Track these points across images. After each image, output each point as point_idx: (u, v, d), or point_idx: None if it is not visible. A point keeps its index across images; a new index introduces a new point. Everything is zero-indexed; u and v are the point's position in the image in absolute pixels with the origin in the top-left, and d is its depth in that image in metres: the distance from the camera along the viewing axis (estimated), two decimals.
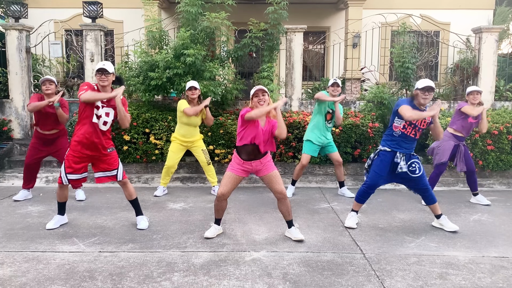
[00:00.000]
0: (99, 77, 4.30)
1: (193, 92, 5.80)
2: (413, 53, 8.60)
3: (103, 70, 4.28)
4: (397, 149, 4.52)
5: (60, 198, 4.62)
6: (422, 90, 4.31)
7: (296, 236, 4.29)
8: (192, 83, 5.85)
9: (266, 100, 4.06)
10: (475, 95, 5.52)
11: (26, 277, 3.43)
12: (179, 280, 3.41)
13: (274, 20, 7.69)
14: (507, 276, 3.56)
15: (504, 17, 11.87)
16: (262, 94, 4.06)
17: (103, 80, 4.30)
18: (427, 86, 4.28)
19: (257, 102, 4.05)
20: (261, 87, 4.07)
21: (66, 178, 4.43)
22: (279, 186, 4.20)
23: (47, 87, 5.45)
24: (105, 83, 4.31)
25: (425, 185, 4.60)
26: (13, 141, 8.00)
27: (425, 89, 4.30)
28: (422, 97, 4.33)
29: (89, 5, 8.26)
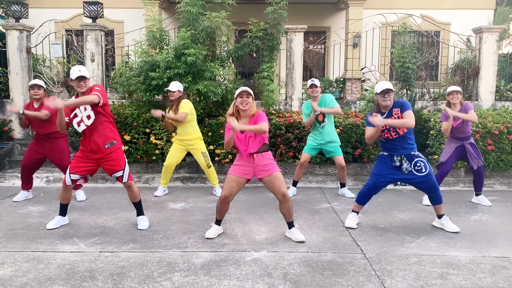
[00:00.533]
0: (77, 83, 4.28)
1: (170, 94, 5.84)
2: (413, 53, 8.60)
3: (82, 78, 4.27)
4: (393, 152, 4.52)
5: (62, 200, 4.63)
6: (380, 94, 4.38)
7: (296, 237, 4.29)
8: (170, 86, 5.86)
9: (249, 102, 4.03)
10: (454, 95, 5.50)
11: (27, 277, 3.43)
12: (179, 280, 3.41)
13: (273, 20, 7.69)
14: (507, 276, 3.55)
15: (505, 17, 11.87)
16: (247, 96, 4.03)
17: (81, 86, 4.30)
18: (384, 89, 4.34)
19: (240, 103, 4.03)
20: (247, 89, 4.03)
21: (69, 178, 4.44)
22: (282, 188, 4.17)
23: (35, 91, 5.46)
24: (84, 89, 4.31)
25: (433, 184, 4.56)
26: (14, 141, 8.01)
27: (383, 92, 4.35)
28: (382, 99, 4.39)
29: (90, 5, 8.27)
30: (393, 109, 4.41)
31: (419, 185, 4.59)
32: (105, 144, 4.42)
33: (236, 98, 4.06)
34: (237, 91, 4.06)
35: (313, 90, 5.87)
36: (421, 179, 4.51)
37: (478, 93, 8.46)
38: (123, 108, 7.28)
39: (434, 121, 7.02)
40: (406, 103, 4.41)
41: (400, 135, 4.45)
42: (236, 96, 4.05)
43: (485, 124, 6.79)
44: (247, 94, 4.02)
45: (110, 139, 4.46)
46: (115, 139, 4.50)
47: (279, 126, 7.02)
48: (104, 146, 4.41)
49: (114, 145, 4.48)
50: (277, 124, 7.01)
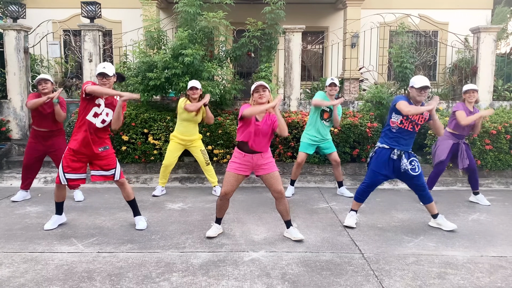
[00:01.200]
0: (100, 80, 4.31)
1: (194, 91, 5.80)
2: (411, 53, 8.61)
3: (104, 74, 4.30)
4: (395, 146, 4.52)
5: (57, 198, 4.62)
6: (418, 89, 4.34)
7: (295, 236, 4.30)
8: (193, 82, 5.85)
9: (266, 96, 4.04)
10: (471, 93, 5.53)
11: (25, 278, 3.42)
12: (177, 280, 3.41)
13: (271, 20, 7.69)
14: (505, 275, 3.56)
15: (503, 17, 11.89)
16: (263, 90, 4.04)
17: (104, 83, 4.32)
18: (423, 85, 4.31)
19: (258, 97, 4.03)
20: (262, 83, 4.05)
21: (64, 177, 4.42)
22: (278, 185, 4.20)
23: (43, 86, 5.44)
24: (106, 86, 4.34)
25: (422, 183, 4.62)
26: (12, 142, 7.99)
27: (421, 88, 4.32)
28: (418, 95, 4.36)
29: (87, 5, 8.25)
30: None
31: (409, 182, 4.65)
32: (99, 147, 4.47)
33: (252, 94, 4.08)
34: (252, 86, 4.09)
35: (332, 88, 5.87)
36: (413, 178, 4.55)
37: None
38: None
39: None
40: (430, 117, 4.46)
41: (414, 131, 4.51)
42: (253, 92, 4.07)
43: (483, 123, 6.79)
44: (263, 88, 4.03)
45: (105, 143, 4.53)
46: (108, 144, 4.58)
47: None
48: (98, 149, 4.45)
49: (107, 150, 4.56)
50: None
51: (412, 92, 4.39)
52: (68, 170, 4.42)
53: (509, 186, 6.90)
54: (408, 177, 4.59)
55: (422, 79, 4.36)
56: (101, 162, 4.50)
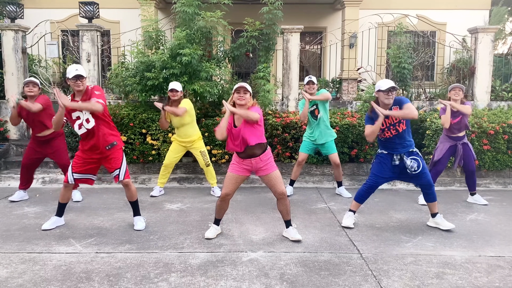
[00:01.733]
0: (74, 82, 4.27)
1: (174, 93, 5.73)
2: (409, 53, 8.63)
3: (78, 76, 4.25)
4: (393, 151, 4.54)
5: (62, 199, 4.62)
6: (384, 91, 4.34)
7: (293, 236, 4.30)
8: (173, 84, 5.77)
9: (246, 99, 4.02)
10: (457, 91, 5.53)
11: (23, 279, 3.42)
12: (176, 280, 3.41)
13: (269, 21, 7.70)
14: (503, 275, 3.57)
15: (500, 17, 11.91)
16: (244, 92, 4.02)
17: (79, 85, 4.29)
18: (389, 87, 4.32)
19: (237, 98, 4.03)
20: (244, 85, 4.03)
21: (72, 177, 4.45)
22: (280, 186, 4.20)
23: (30, 88, 5.43)
24: (81, 88, 4.30)
25: (428, 181, 4.60)
26: (9, 142, 7.98)
27: (388, 90, 4.33)
28: (385, 97, 4.36)
29: (86, 6, 8.24)
30: (392, 107, 4.41)
31: (412, 181, 4.67)
32: (106, 146, 4.44)
33: (233, 93, 4.07)
34: (235, 86, 4.07)
35: (310, 86, 5.87)
36: (414, 177, 4.56)
37: (473, 93, 8.50)
38: (119, 108, 7.26)
39: (430, 121, 7.04)
40: (403, 99, 4.43)
41: (399, 133, 4.48)
42: (234, 91, 4.06)
43: (480, 124, 6.81)
44: (244, 90, 4.02)
45: (111, 140, 4.48)
46: (115, 140, 4.51)
47: (276, 127, 7.01)
48: (104, 148, 4.43)
49: (115, 146, 4.50)
50: (274, 125, 7.01)
51: (380, 96, 4.41)
52: (76, 170, 4.45)
53: (507, 186, 6.92)
54: (410, 177, 4.60)
55: (387, 82, 4.38)
56: (107, 163, 4.51)
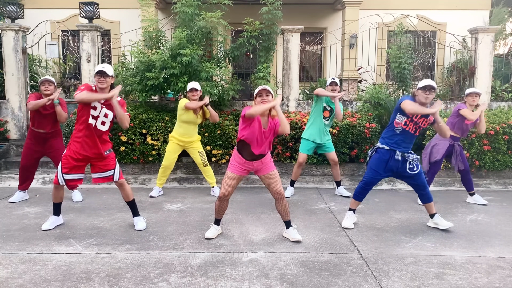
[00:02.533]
0: (98, 79, 4.29)
1: (194, 93, 5.79)
2: (409, 53, 8.62)
3: (102, 73, 4.28)
4: (395, 148, 4.54)
5: (55, 199, 4.61)
6: (423, 89, 4.33)
7: (294, 237, 4.30)
8: (193, 84, 5.84)
9: (269, 101, 4.03)
10: (474, 97, 5.52)
11: (23, 279, 3.42)
12: (176, 281, 3.41)
13: (268, 21, 7.70)
14: (503, 276, 3.57)
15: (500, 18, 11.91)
16: (266, 94, 4.03)
17: (102, 82, 4.29)
18: (428, 85, 4.31)
19: (260, 102, 4.03)
20: (266, 87, 4.04)
21: (62, 178, 4.42)
22: (277, 186, 4.21)
23: (46, 87, 5.44)
24: (104, 86, 4.31)
25: (423, 182, 4.64)
26: (10, 142, 7.98)
27: (427, 88, 4.32)
28: (423, 95, 4.34)
29: (86, 6, 8.24)
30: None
31: (408, 181, 4.69)
32: (105, 150, 4.48)
33: (255, 97, 4.07)
34: (256, 90, 4.08)
35: (333, 88, 5.87)
36: (411, 177, 4.58)
37: None
38: None
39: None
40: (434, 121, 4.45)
41: (416, 135, 4.53)
42: (256, 96, 4.07)
43: None
44: (266, 93, 4.02)
45: (108, 146, 4.55)
46: (110, 147, 4.61)
47: None
48: (104, 152, 4.46)
49: (111, 152, 4.58)
50: None
51: (418, 94, 4.38)
52: (66, 170, 4.41)
53: (507, 186, 6.92)
54: (407, 176, 4.61)
55: (427, 80, 4.39)
56: (100, 163, 4.50)
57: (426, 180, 4.77)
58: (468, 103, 5.55)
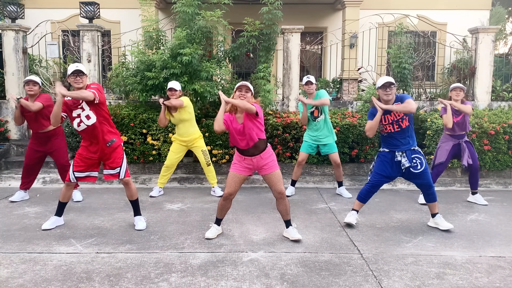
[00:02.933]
0: (74, 79, 4.26)
1: (172, 93, 5.77)
2: (410, 53, 8.62)
3: (78, 72, 4.26)
4: (395, 148, 4.55)
5: (63, 198, 4.63)
6: (382, 87, 4.41)
7: (293, 236, 4.30)
8: (172, 84, 5.82)
9: (247, 97, 4.04)
10: (458, 91, 5.53)
11: (23, 279, 3.42)
12: (176, 281, 3.41)
13: (268, 21, 7.70)
14: (504, 275, 3.57)
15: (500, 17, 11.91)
16: (246, 90, 4.04)
17: (78, 82, 4.28)
18: (386, 82, 4.37)
19: (238, 96, 4.04)
20: (246, 84, 4.06)
21: (73, 175, 4.47)
22: (279, 186, 4.21)
23: (30, 87, 5.44)
24: (80, 85, 4.29)
25: (428, 181, 4.62)
26: (10, 142, 7.98)
27: (385, 86, 4.38)
28: (384, 93, 4.41)
29: (86, 6, 8.24)
30: (394, 103, 4.45)
31: (413, 181, 4.68)
32: (106, 143, 4.45)
33: (235, 91, 4.08)
34: (237, 84, 4.09)
35: (309, 87, 5.87)
36: (417, 176, 4.56)
37: (474, 93, 8.49)
38: (119, 108, 7.26)
39: (431, 121, 7.04)
40: (405, 95, 4.48)
41: (402, 129, 4.50)
42: (235, 90, 4.07)
43: (481, 124, 6.81)
44: (246, 89, 4.04)
45: (110, 137, 4.49)
46: (114, 137, 4.53)
47: (276, 127, 7.01)
48: (105, 144, 4.44)
49: (114, 142, 4.51)
50: (274, 125, 7.01)
51: (379, 93, 4.47)
52: (77, 168, 4.47)
53: (508, 186, 6.92)
54: (412, 176, 4.60)
55: (384, 78, 4.45)
56: (109, 161, 4.51)
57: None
58: (453, 98, 5.55)
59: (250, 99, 4.08)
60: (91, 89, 4.27)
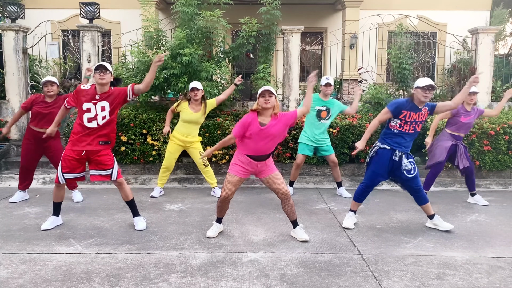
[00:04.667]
0: (98, 74, 4.30)
1: (195, 93, 5.83)
2: (410, 53, 8.62)
3: (102, 67, 4.29)
4: (396, 147, 4.53)
5: (56, 198, 4.62)
6: (422, 88, 4.34)
7: (301, 237, 4.31)
8: (194, 83, 5.87)
9: (272, 102, 4.03)
10: (472, 96, 5.55)
11: (23, 279, 3.42)
12: (176, 281, 3.41)
13: (267, 21, 7.70)
14: (504, 276, 3.56)
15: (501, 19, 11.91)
16: (269, 95, 4.03)
17: (102, 77, 4.30)
18: (428, 84, 4.32)
19: (263, 102, 4.03)
20: (269, 88, 4.05)
21: (62, 177, 4.44)
22: (282, 186, 4.21)
23: (48, 88, 5.50)
24: (104, 81, 4.32)
25: (418, 185, 4.62)
26: (10, 142, 7.97)
27: (426, 88, 4.33)
28: (423, 95, 4.35)
29: (86, 6, 8.25)
30: (422, 108, 4.46)
31: (404, 184, 4.67)
32: (100, 141, 4.44)
33: (258, 97, 4.08)
34: (259, 90, 4.09)
35: (327, 88, 5.88)
36: (409, 180, 4.57)
37: None
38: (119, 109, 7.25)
39: (431, 121, 7.03)
40: (430, 103, 4.50)
41: (416, 132, 4.52)
42: (259, 96, 4.08)
43: (481, 124, 6.81)
44: (269, 94, 4.03)
45: (107, 138, 4.49)
46: (110, 139, 4.54)
47: None
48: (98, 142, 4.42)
49: (108, 144, 4.52)
50: None
51: (417, 93, 4.39)
52: (66, 170, 4.44)
53: (508, 187, 6.92)
54: (404, 179, 4.59)
55: (426, 79, 4.39)
56: (98, 159, 4.47)
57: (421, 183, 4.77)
58: (466, 102, 5.61)
59: (275, 102, 4.08)
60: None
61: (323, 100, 5.90)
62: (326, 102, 5.89)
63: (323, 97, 5.91)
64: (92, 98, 4.36)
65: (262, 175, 4.23)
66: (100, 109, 4.36)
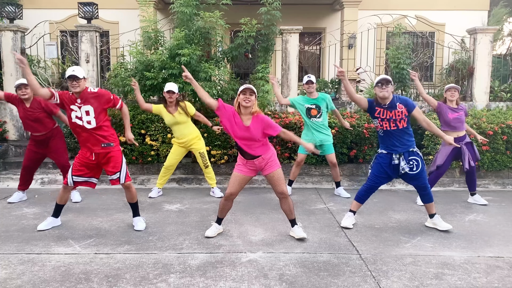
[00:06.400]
0: (71, 83, 4.24)
1: (170, 95, 5.72)
2: (408, 54, 8.63)
3: (74, 77, 4.21)
4: (392, 150, 4.53)
5: (60, 200, 4.61)
6: (377, 85, 4.42)
7: (298, 235, 4.32)
8: (170, 85, 5.76)
9: (252, 100, 4.00)
10: (452, 91, 5.58)
11: (21, 280, 3.41)
12: (175, 281, 3.40)
13: (267, 21, 7.70)
14: (502, 276, 3.57)
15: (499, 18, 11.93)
16: (250, 93, 4.00)
17: (75, 86, 4.25)
18: (381, 79, 4.39)
19: (243, 99, 4.00)
20: (250, 87, 4.02)
21: (71, 179, 4.44)
22: (281, 186, 4.21)
23: (23, 91, 5.36)
24: (77, 89, 4.26)
25: (424, 183, 4.62)
26: (8, 143, 7.96)
27: (380, 83, 4.39)
28: (380, 90, 4.41)
29: (84, 6, 8.24)
30: (397, 103, 4.44)
31: (410, 182, 4.68)
32: (102, 143, 4.40)
33: (239, 94, 4.05)
34: (240, 87, 4.06)
35: (310, 86, 5.91)
36: (412, 177, 4.57)
37: (472, 94, 8.51)
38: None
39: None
40: (409, 101, 4.46)
41: (399, 129, 4.47)
42: (239, 93, 4.04)
43: (479, 124, 6.82)
44: (250, 92, 4.01)
45: (108, 141, 4.44)
46: (111, 141, 4.47)
47: None
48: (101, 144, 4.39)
49: (111, 147, 4.45)
50: None
51: (376, 91, 4.47)
52: (76, 173, 4.43)
53: (506, 186, 6.93)
54: (408, 177, 4.60)
55: (380, 76, 4.46)
56: (107, 166, 4.46)
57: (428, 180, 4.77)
58: (448, 98, 5.60)
59: (255, 102, 4.05)
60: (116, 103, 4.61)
61: (311, 98, 5.93)
62: (315, 100, 5.92)
63: (309, 95, 5.95)
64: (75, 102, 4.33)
65: (264, 172, 4.23)
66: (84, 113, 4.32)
